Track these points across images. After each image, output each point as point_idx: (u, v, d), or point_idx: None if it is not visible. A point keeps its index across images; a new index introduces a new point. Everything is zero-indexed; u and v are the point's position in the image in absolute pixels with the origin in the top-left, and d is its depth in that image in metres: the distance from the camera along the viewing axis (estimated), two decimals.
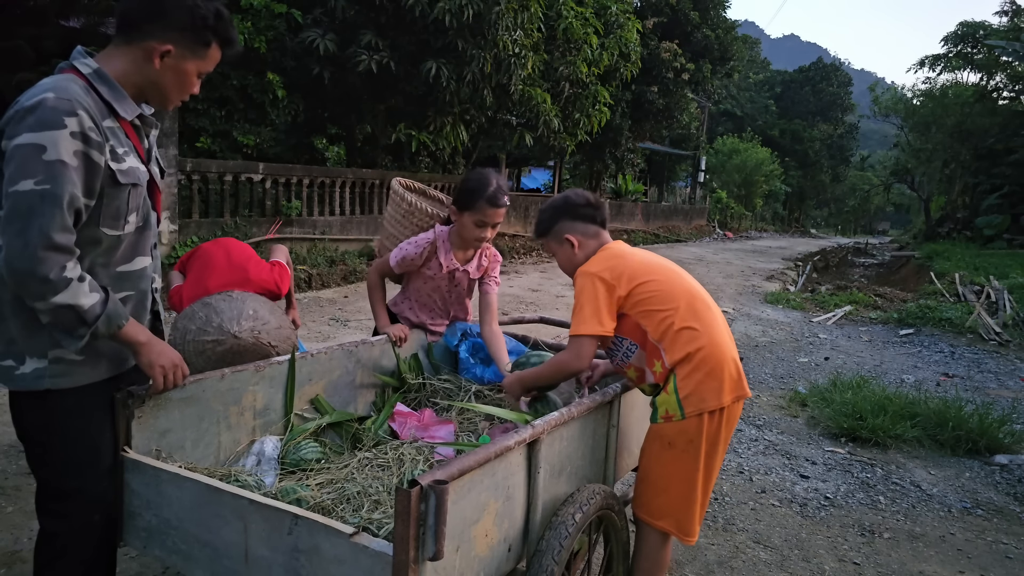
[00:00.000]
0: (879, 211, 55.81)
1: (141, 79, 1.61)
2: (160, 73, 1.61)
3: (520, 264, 13.28)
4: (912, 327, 8.56)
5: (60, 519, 1.65)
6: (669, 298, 2.04)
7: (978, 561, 3.06)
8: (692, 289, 2.12)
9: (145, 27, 1.57)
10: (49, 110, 1.43)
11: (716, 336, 2.03)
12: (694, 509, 2.05)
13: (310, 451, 2.10)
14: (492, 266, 2.84)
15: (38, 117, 1.43)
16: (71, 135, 1.44)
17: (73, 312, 1.48)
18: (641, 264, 2.12)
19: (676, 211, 26.45)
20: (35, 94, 1.46)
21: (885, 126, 37.66)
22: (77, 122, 1.45)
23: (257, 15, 8.94)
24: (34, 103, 1.44)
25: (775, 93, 43.93)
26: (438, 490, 1.29)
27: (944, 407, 4.62)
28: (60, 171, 1.43)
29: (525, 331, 3.15)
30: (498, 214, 2.56)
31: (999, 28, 24.85)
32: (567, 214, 2.25)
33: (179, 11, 1.58)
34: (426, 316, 2.88)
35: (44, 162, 1.42)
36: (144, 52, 1.58)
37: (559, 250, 2.28)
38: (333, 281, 9.02)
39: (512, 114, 11.97)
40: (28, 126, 1.42)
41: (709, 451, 2.02)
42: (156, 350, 1.67)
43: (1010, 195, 20.36)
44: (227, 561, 1.55)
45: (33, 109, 1.43)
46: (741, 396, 2.05)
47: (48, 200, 1.42)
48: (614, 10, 13.65)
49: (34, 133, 1.42)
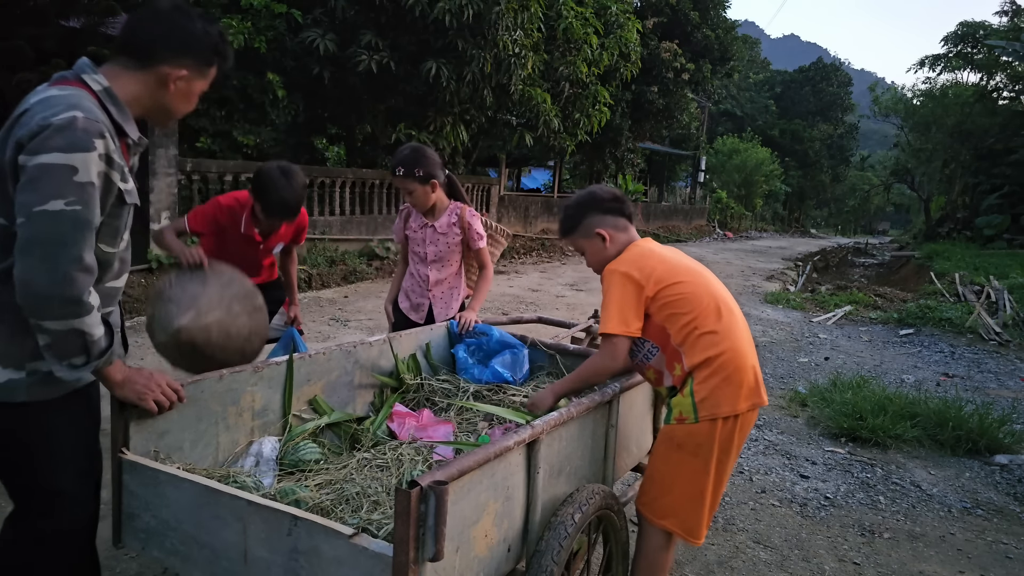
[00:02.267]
0: (879, 211, 55.77)
1: (152, 102, 1.63)
2: (172, 97, 1.64)
3: (520, 264, 13.28)
4: (912, 327, 8.56)
5: (46, 521, 1.62)
6: (695, 302, 2.03)
7: (978, 561, 3.05)
8: (717, 293, 2.10)
9: (160, 53, 1.59)
10: (81, 131, 1.42)
11: (737, 342, 2.02)
12: (701, 511, 2.04)
13: (309, 452, 2.09)
14: (469, 221, 3.10)
15: (69, 138, 1.41)
16: (99, 157, 1.45)
17: (82, 339, 1.46)
18: (670, 264, 2.10)
19: (676, 211, 26.45)
20: (59, 111, 1.43)
21: (885, 126, 37.68)
22: (104, 144, 1.46)
23: (257, 15, 8.93)
24: (63, 122, 1.41)
25: (775, 93, 43.92)
26: (438, 491, 1.29)
27: (944, 407, 4.62)
28: (91, 194, 1.43)
29: (524, 331, 3.15)
30: (397, 180, 2.98)
31: (999, 28, 24.85)
32: (595, 208, 2.22)
33: (193, 38, 1.62)
34: (412, 297, 3.25)
35: (76, 183, 1.41)
36: (158, 77, 1.60)
37: (589, 245, 2.23)
38: (333, 281, 9.02)
39: (512, 114, 11.96)
40: (58, 146, 1.40)
41: (721, 456, 2.01)
42: (131, 385, 1.66)
43: (1010, 195, 20.36)
44: (226, 562, 1.55)
45: (63, 129, 1.41)
46: (757, 404, 2.04)
47: (81, 222, 1.42)
48: (614, 10, 13.65)
49: (65, 154, 1.40)
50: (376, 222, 10.91)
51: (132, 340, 5.73)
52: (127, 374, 1.66)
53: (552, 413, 1.85)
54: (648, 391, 2.59)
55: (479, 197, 14.01)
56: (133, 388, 1.66)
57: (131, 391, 1.66)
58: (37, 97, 1.48)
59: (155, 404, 1.70)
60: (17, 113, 1.48)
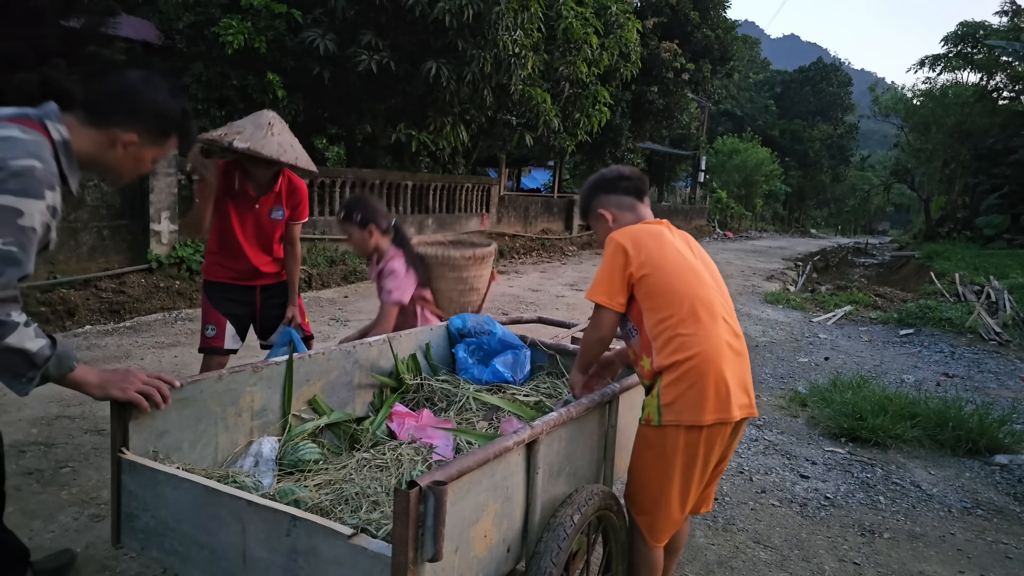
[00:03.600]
0: (879, 211, 55.78)
1: (100, 160, 1.72)
2: (120, 158, 1.73)
3: (520, 264, 13.29)
4: (912, 327, 8.55)
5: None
6: (672, 299, 1.93)
7: (978, 561, 3.05)
8: (701, 295, 1.96)
9: (114, 117, 1.69)
10: (36, 180, 1.51)
11: (711, 350, 1.89)
12: (666, 514, 1.98)
13: (308, 452, 2.09)
14: (386, 272, 3.06)
15: (23, 184, 1.49)
16: (46, 207, 1.54)
17: (22, 355, 1.50)
18: (664, 253, 2.00)
19: (676, 211, 26.45)
20: (19, 156, 1.50)
21: (885, 126, 37.67)
22: (53, 196, 1.56)
23: (257, 15, 8.93)
24: (21, 168, 1.49)
25: (775, 93, 43.93)
26: (437, 491, 1.29)
27: (944, 407, 4.62)
28: (30, 238, 1.51)
29: (523, 331, 3.15)
30: (339, 224, 3.15)
31: (999, 28, 24.85)
32: (601, 189, 2.23)
33: (147, 108, 1.72)
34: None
35: (18, 226, 1.48)
36: (108, 138, 1.69)
37: (596, 226, 2.24)
38: (333, 281, 9.03)
39: (512, 114, 11.96)
40: (11, 189, 1.48)
41: (687, 464, 1.91)
42: (110, 385, 1.67)
43: (1010, 195, 20.36)
44: (225, 563, 1.55)
45: (19, 175, 1.49)
46: (724, 419, 1.88)
47: (11, 262, 1.48)
48: (614, 10, 13.64)
49: (15, 197, 1.48)
50: None
51: (132, 340, 5.74)
52: (103, 376, 1.68)
53: (551, 413, 1.85)
54: None
55: (479, 197, 14.00)
56: (114, 386, 1.67)
57: (114, 389, 1.67)
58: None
59: (142, 397, 1.70)
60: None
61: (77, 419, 3.88)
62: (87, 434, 3.70)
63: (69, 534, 2.69)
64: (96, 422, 3.84)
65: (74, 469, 3.27)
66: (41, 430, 3.70)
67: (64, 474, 3.21)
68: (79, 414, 3.94)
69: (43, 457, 3.38)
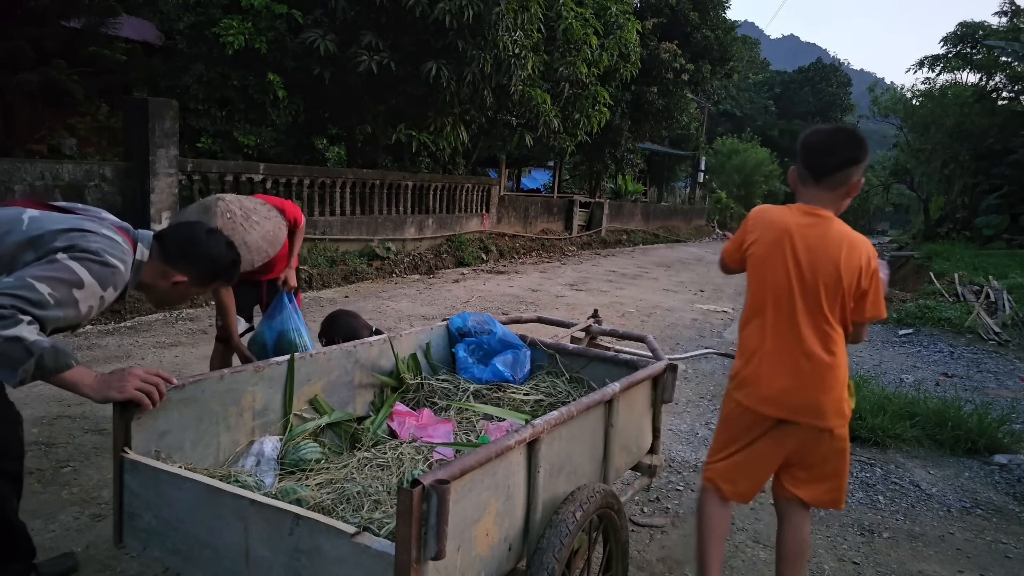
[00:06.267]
0: (878, 211, 55.76)
1: (152, 286, 2.00)
2: (168, 290, 2.01)
3: (520, 264, 13.29)
4: (911, 327, 8.56)
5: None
6: (759, 284, 2.13)
7: (977, 561, 3.06)
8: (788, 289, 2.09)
9: (174, 258, 1.98)
10: (112, 277, 1.75)
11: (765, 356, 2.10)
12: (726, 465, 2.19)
13: (309, 451, 2.10)
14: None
15: (102, 274, 1.72)
16: (101, 298, 1.74)
17: (18, 343, 1.54)
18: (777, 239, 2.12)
19: (676, 211, 26.45)
20: (114, 256, 1.75)
21: (884, 126, 37.61)
22: (111, 294, 1.79)
23: (258, 16, 8.94)
24: (111, 260, 1.74)
25: (774, 93, 43.96)
26: (440, 490, 1.29)
27: (943, 407, 4.62)
28: (71, 308, 1.66)
29: (523, 331, 3.15)
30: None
31: (998, 28, 24.83)
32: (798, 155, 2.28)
33: (203, 261, 2.02)
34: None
35: (71, 295, 1.66)
36: (164, 273, 1.98)
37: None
38: (333, 281, 9.03)
39: (512, 114, 11.96)
40: (92, 270, 1.69)
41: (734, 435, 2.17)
42: (108, 385, 1.70)
43: (1009, 195, 20.34)
44: (227, 562, 1.55)
45: (105, 266, 1.73)
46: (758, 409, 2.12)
47: (40, 305, 1.60)
48: (614, 11, 13.65)
49: (89, 276, 1.69)
50: (376, 222, 10.91)
51: (132, 340, 5.74)
52: (99, 377, 1.70)
53: (552, 413, 1.85)
54: (648, 391, 2.59)
55: (479, 197, 14.00)
56: (111, 387, 1.69)
57: (111, 391, 1.69)
58: (105, 231, 1.80)
59: (143, 395, 1.71)
60: (76, 224, 1.76)
61: (78, 419, 3.88)
62: (88, 434, 3.70)
63: (70, 534, 2.70)
64: (97, 422, 3.84)
65: (75, 469, 3.28)
66: (42, 430, 3.70)
67: (65, 474, 3.22)
68: (80, 414, 3.95)
69: (44, 457, 3.38)
